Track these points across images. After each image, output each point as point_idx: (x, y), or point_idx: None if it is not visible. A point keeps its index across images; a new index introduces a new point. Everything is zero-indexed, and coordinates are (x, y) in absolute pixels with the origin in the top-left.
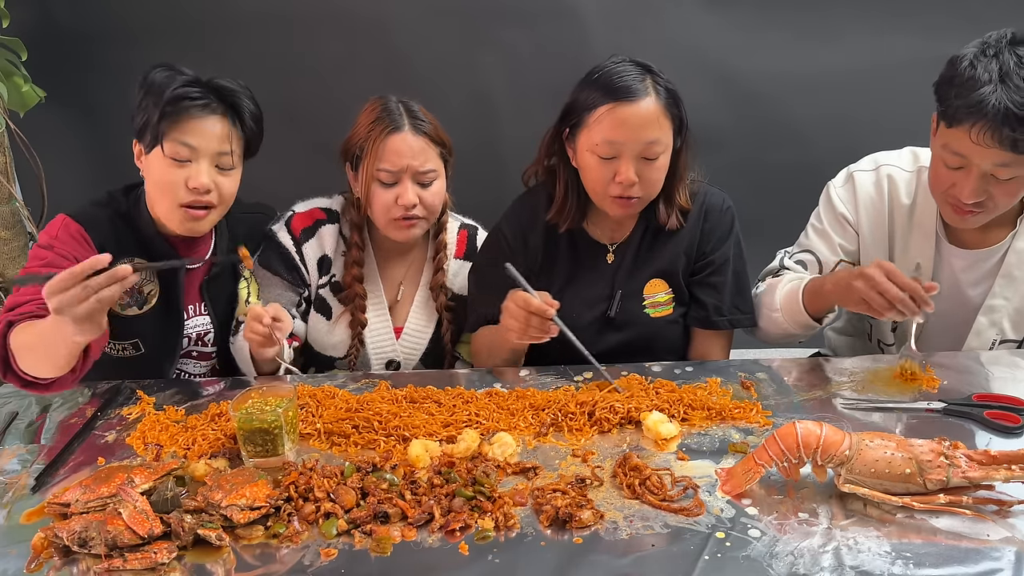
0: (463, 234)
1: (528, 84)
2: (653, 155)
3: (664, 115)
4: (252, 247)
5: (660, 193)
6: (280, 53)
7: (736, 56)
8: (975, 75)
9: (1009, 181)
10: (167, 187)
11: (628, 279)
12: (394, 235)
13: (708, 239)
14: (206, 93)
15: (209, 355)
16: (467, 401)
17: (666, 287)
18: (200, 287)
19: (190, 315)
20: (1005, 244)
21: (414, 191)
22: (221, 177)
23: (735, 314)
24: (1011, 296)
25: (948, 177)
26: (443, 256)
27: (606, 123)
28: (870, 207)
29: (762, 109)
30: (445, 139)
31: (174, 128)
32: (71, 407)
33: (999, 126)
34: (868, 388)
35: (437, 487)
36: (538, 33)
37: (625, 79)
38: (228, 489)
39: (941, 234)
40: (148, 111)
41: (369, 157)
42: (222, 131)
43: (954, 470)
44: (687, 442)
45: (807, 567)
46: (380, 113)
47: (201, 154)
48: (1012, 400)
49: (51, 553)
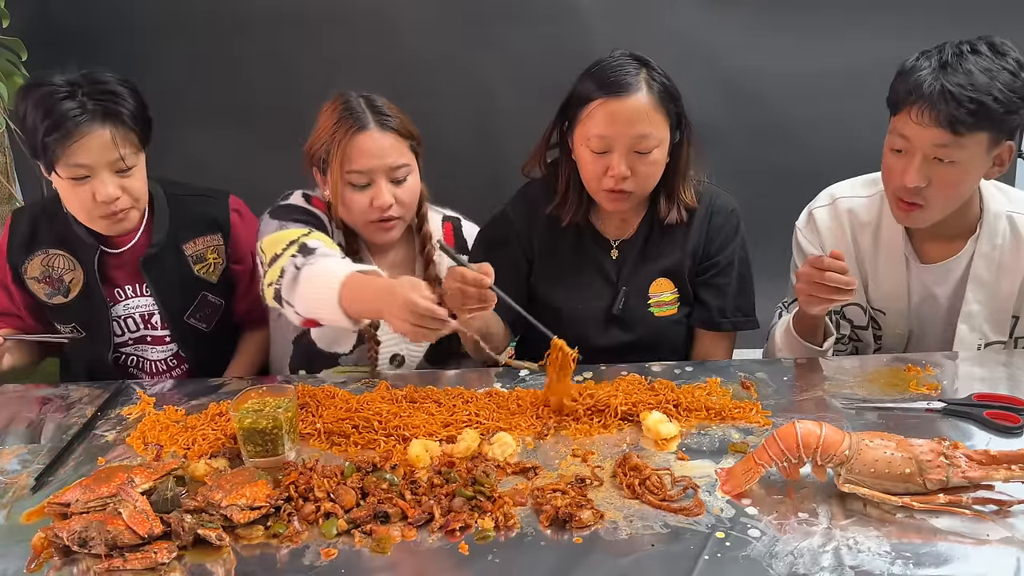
0: (448, 227)
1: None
2: (645, 149)
3: (657, 110)
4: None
5: (661, 188)
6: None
7: (736, 56)
8: (916, 64)
9: (950, 166)
10: (77, 205)
11: (632, 276)
12: (373, 237)
13: (714, 240)
14: (82, 106)
15: (163, 339)
16: (467, 401)
17: (672, 287)
18: (138, 266)
19: (128, 296)
20: (969, 250)
21: (389, 190)
22: (125, 180)
23: (738, 316)
24: (984, 299)
25: (895, 164)
26: (431, 248)
27: (597, 117)
28: (834, 241)
29: (762, 109)
30: (413, 131)
31: (61, 150)
32: (71, 407)
33: (935, 104)
34: (868, 388)
35: (437, 487)
36: (539, 33)
37: (618, 74)
38: (228, 489)
39: (909, 254)
40: (34, 133)
41: (336, 160)
42: (109, 139)
43: (954, 470)
44: (687, 442)
45: (807, 567)
46: (343, 112)
47: (97, 168)
48: (1012, 400)
49: (51, 553)
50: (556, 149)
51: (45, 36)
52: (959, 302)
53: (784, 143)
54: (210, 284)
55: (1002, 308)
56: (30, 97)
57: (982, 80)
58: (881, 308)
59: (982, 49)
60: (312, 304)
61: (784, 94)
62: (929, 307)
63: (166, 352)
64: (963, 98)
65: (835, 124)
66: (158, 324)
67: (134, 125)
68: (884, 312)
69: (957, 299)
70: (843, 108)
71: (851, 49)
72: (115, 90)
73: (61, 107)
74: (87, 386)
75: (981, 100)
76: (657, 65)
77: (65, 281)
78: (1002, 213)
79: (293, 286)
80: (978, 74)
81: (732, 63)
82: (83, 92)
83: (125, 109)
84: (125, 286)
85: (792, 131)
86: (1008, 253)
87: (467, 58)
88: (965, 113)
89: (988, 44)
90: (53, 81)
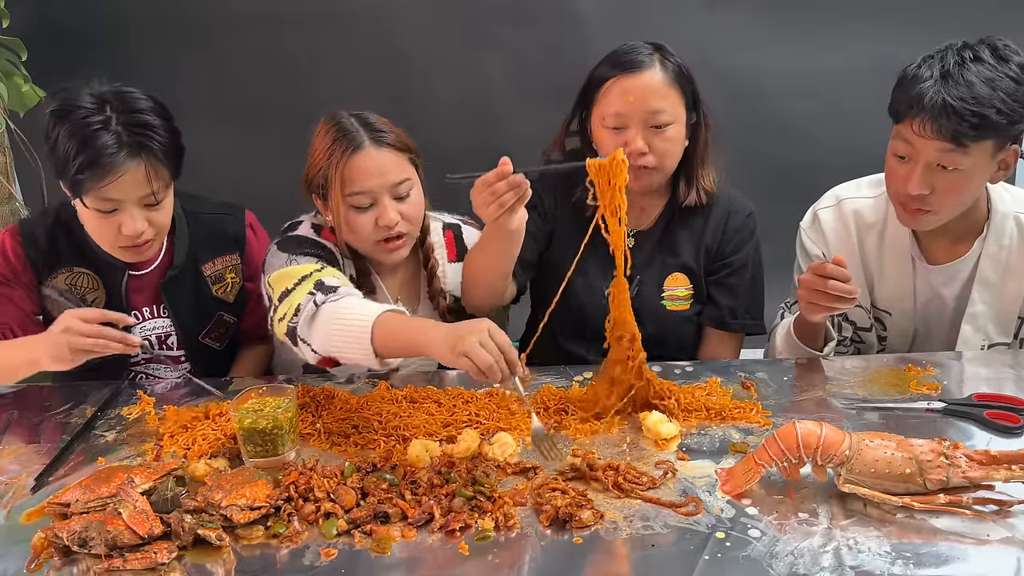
0: (449, 235)
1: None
2: (661, 123)
3: (671, 86)
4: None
5: (681, 172)
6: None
7: (736, 56)
8: (918, 73)
9: (953, 173)
10: (101, 235)
11: (648, 266)
12: (381, 257)
13: (730, 240)
14: (119, 141)
15: (178, 359)
16: (467, 401)
17: (687, 282)
18: (158, 289)
19: (145, 317)
20: (976, 251)
21: (394, 208)
22: (153, 213)
23: (747, 319)
24: (990, 300)
25: (899, 170)
26: (434, 261)
27: (612, 94)
28: (838, 242)
29: (762, 109)
30: (410, 144)
31: (92, 184)
32: (71, 407)
33: (936, 118)
34: (868, 388)
35: (437, 487)
36: (539, 33)
37: (631, 54)
38: (228, 489)
39: (915, 254)
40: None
41: (336, 183)
42: (143, 176)
43: (954, 470)
44: (687, 442)
45: (807, 567)
46: (336, 134)
47: (127, 203)
48: (1012, 400)
49: (51, 553)
50: (576, 138)
51: (45, 36)
52: (965, 303)
53: (784, 142)
54: (227, 304)
55: (1008, 309)
56: (62, 124)
57: (984, 92)
58: (886, 309)
59: (984, 55)
60: (337, 343)
61: (784, 93)
62: (935, 308)
63: (179, 371)
64: (965, 112)
65: (836, 123)
66: (174, 345)
67: (166, 159)
68: (889, 313)
69: (963, 300)
70: (843, 107)
71: (851, 47)
72: (151, 122)
73: (97, 142)
74: (87, 386)
75: (984, 113)
76: (672, 49)
77: (87, 301)
78: (1009, 214)
79: (311, 323)
80: (980, 85)
81: (732, 63)
82: (118, 121)
83: (159, 143)
84: (143, 308)
85: (793, 130)
86: (1015, 254)
87: (467, 58)
88: (968, 127)
89: (991, 48)
90: (84, 104)
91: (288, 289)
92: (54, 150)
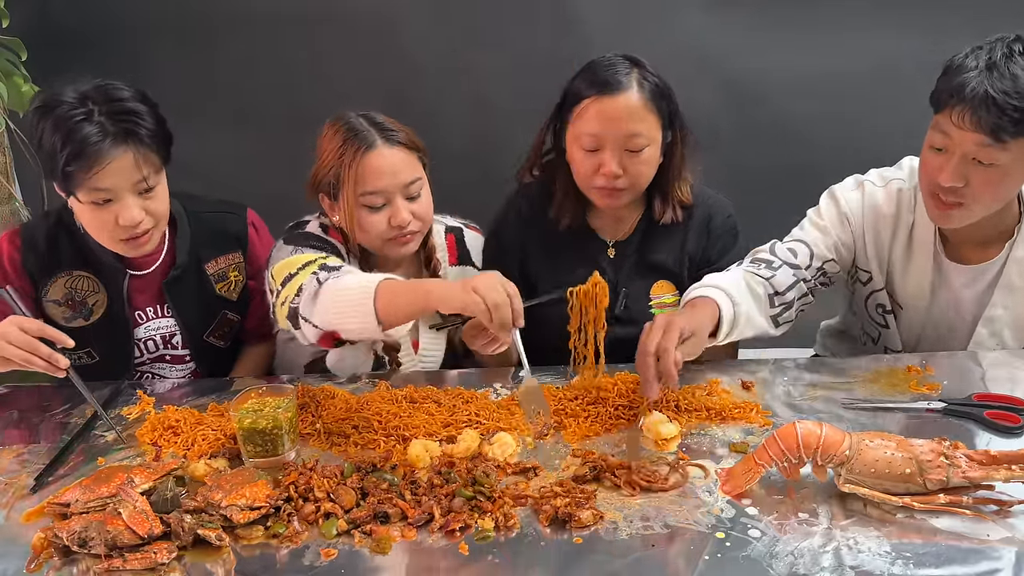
0: (451, 239)
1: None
2: (637, 147)
3: (648, 108)
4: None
5: (655, 188)
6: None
7: (737, 57)
8: (964, 63)
9: (990, 168)
10: (98, 229)
11: (632, 277)
12: (391, 252)
13: (714, 244)
14: (102, 130)
15: (183, 358)
16: (467, 401)
17: (673, 288)
18: (161, 289)
19: (149, 317)
20: (1004, 255)
21: (406, 208)
22: (148, 201)
23: None
24: (1011, 305)
25: (933, 161)
26: (436, 261)
27: (588, 115)
28: (877, 219)
29: (763, 110)
30: (418, 143)
31: (83, 176)
32: (71, 407)
33: (976, 109)
34: (868, 388)
35: (437, 487)
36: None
37: (609, 72)
38: (228, 489)
39: (940, 251)
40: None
41: (349, 183)
42: (131, 162)
43: (954, 470)
44: (687, 442)
45: (807, 567)
46: (346, 134)
47: (119, 191)
48: (1012, 400)
49: (51, 553)
50: (551, 152)
51: (45, 36)
52: (982, 307)
53: (785, 143)
54: (230, 302)
55: None
56: (46, 119)
57: None
58: (900, 303)
59: None
60: (339, 313)
61: (784, 94)
62: (953, 309)
63: (184, 370)
64: (1007, 106)
65: (835, 124)
66: (179, 344)
67: (154, 144)
68: (902, 307)
69: (981, 303)
70: (843, 108)
71: (851, 49)
72: (134, 109)
73: (81, 132)
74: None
75: None
76: (650, 65)
77: (88, 304)
78: None
79: (313, 300)
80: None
81: (733, 65)
82: (100, 112)
83: (145, 129)
84: (147, 308)
85: (793, 131)
86: None
87: (467, 59)
88: (1008, 122)
89: None
90: (66, 99)
91: (291, 274)
92: (40, 147)
